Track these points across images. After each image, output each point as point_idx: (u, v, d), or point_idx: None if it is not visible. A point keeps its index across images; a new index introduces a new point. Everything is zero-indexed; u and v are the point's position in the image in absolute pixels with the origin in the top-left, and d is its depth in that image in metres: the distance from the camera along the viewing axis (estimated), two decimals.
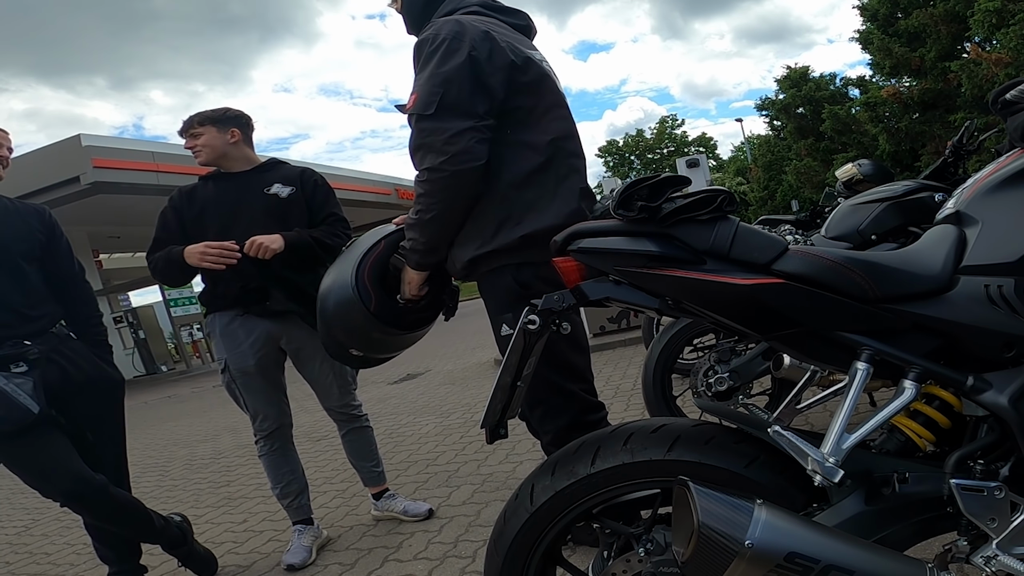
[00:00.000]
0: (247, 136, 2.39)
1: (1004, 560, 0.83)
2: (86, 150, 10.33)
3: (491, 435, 1.06)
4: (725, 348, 2.06)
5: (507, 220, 1.48)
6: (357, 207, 17.89)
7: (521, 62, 1.49)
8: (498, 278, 1.52)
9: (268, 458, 2.38)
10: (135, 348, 15.75)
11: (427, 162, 1.41)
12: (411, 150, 1.47)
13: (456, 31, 1.44)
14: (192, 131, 2.29)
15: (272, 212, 2.27)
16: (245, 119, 2.39)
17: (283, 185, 2.32)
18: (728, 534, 0.78)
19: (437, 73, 1.41)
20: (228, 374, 2.33)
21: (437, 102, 1.39)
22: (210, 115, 2.30)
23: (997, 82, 11.84)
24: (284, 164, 2.45)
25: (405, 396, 5.62)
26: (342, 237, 2.34)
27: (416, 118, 1.42)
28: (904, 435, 0.94)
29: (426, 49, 1.45)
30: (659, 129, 46.72)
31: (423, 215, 1.48)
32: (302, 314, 2.25)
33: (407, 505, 2.52)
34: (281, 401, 2.40)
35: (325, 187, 2.43)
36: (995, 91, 1.10)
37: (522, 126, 1.50)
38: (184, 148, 2.34)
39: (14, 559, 3.11)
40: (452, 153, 1.38)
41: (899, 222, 2.30)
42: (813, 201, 14.28)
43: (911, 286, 0.89)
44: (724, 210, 0.90)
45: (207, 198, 2.31)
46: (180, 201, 2.32)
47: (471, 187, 1.45)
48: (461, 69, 1.41)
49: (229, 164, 2.34)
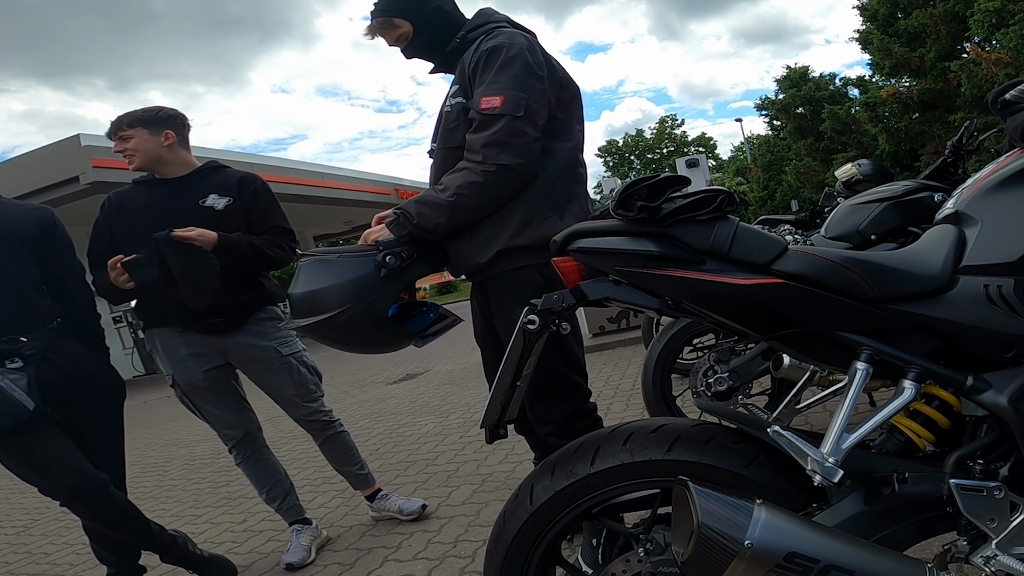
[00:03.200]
0: (183, 137, 2.22)
1: (1004, 560, 0.83)
2: (85, 150, 10.32)
3: (490, 435, 1.07)
4: (725, 348, 2.06)
5: (536, 216, 1.56)
6: (357, 207, 17.88)
7: (565, 80, 1.63)
8: (524, 274, 1.58)
9: (245, 466, 2.35)
10: (135, 348, 15.73)
11: (503, 159, 1.48)
12: (483, 144, 1.49)
13: (528, 45, 1.55)
14: (121, 133, 2.11)
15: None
16: (180, 119, 2.22)
17: (219, 196, 2.17)
18: (728, 534, 0.78)
19: (523, 76, 1.50)
20: (179, 388, 2.25)
21: (524, 106, 1.48)
22: (140, 115, 2.13)
23: (997, 82, 11.84)
24: (224, 169, 2.30)
25: (404, 396, 5.62)
26: (285, 250, 2.21)
27: (507, 118, 1.48)
28: (904, 435, 0.94)
29: (503, 55, 1.52)
30: (659, 129, 46.73)
31: (464, 200, 1.51)
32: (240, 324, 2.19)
33: (401, 504, 2.50)
34: (242, 408, 2.33)
35: (267, 195, 2.26)
36: (995, 91, 1.10)
37: (554, 136, 1.59)
38: (113, 152, 2.17)
39: (13, 559, 3.11)
40: (528, 158, 1.50)
41: (899, 222, 2.30)
42: (813, 201, 14.27)
43: (911, 286, 0.89)
44: (724, 210, 0.90)
45: (137, 208, 2.16)
46: (110, 210, 2.18)
47: (519, 191, 1.54)
48: (541, 81, 1.53)
49: (163, 169, 2.17)
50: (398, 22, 1.69)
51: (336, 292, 1.41)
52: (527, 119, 1.49)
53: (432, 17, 1.68)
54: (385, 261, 1.42)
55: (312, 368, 2.37)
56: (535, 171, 1.53)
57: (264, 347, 2.25)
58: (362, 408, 5.45)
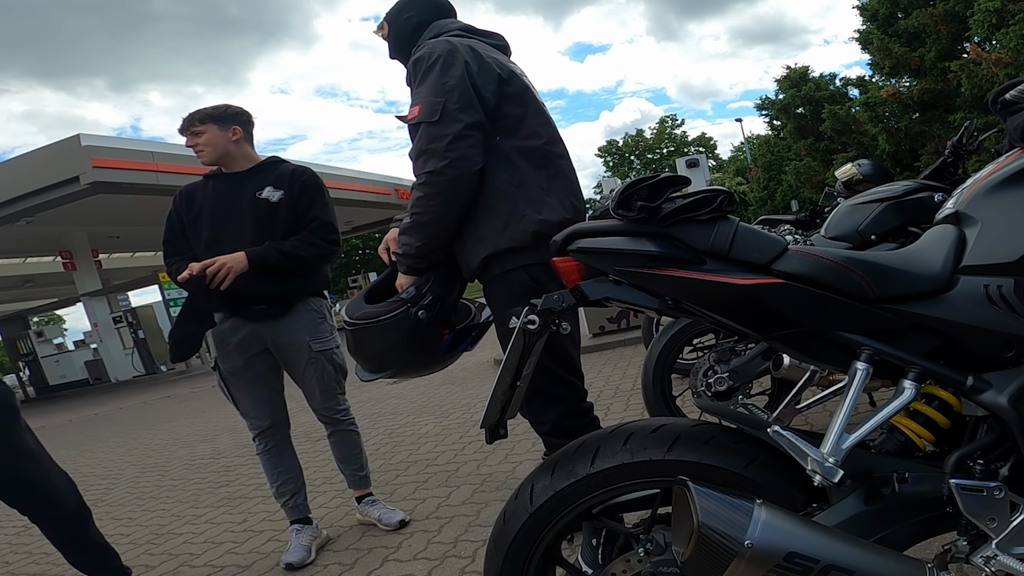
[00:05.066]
0: (248, 133, 2.37)
1: (1004, 560, 0.83)
2: (85, 150, 10.33)
3: (490, 435, 1.06)
4: (725, 348, 2.06)
5: (512, 217, 1.57)
6: (357, 207, 17.88)
7: (506, 75, 1.63)
8: (513, 276, 1.61)
9: (264, 456, 2.39)
10: (134, 348, 15.74)
11: (429, 166, 1.51)
12: (414, 156, 1.56)
13: (449, 48, 1.59)
14: (193, 129, 2.26)
15: (260, 218, 2.24)
16: (246, 116, 2.36)
17: (274, 188, 2.29)
18: (728, 534, 0.78)
19: (439, 84, 1.53)
20: (219, 372, 2.35)
21: (440, 110, 1.51)
22: (211, 112, 2.27)
23: (997, 82, 11.84)
24: (283, 163, 2.41)
25: (405, 396, 5.62)
26: (320, 246, 2.28)
27: (423, 126, 1.52)
28: (904, 435, 0.94)
29: (424, 65, 1.58)
30: (659, 129, 46.72)
31: (420, 217, 1.56)
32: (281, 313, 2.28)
33: (382, 513, 2.49)
34: (274, 401, 2.39)
35: (313, 187, 2.35)
36: (995, 91, 1.10)
37: (511, 133, 1.62)
38: (185, 147, 2.32)
39: (14, 559, 3.11)
40: (452, 158, 1.49)
41: (899, 222, 2.30)
42: (813, 201, 14.27)
43: (911, 286, 0.89)
44: (724, 210, 0.90)
45: (205, 201, 2.30)
46: (181, 203, 2.33)
47: (468, 191, 1.55)
48: (460, 80, 1.53)
49: (231, 163, 2.32)
50: (384, 24, 1.83)
51: (392, 353, 1.57)
52: (445, 121, 1.50)
53: (404, 26, 1.79)
54: (419, 316, 1.51)
55: (339, 367, 2.44)
56: (471, 167, 1.51)
57: (298, 341, 2.32)
58: (362, 408, 5.45)
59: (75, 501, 1.99)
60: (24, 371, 19.86)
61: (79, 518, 2.00)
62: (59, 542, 2.00)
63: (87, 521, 2.02)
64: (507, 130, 1.61)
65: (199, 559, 2.58)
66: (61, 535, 1.99)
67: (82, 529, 2.01)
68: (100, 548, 2.06)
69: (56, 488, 1.93)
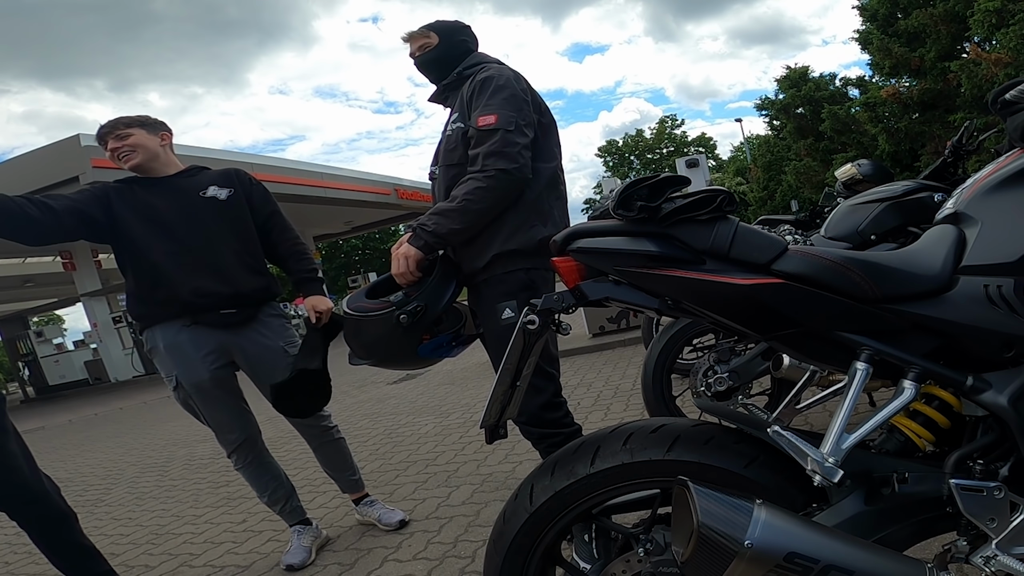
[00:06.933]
0: (170, 142, 2.31)
1: (1003, 560, 0.83)
2: (85, 150, 10.34)
3: (490, 435, 1.07)
4: (725, 348, 2.06)
5: (523, 224, 1.77)
6: (357, 207, 17.88)
7: (544, 108, 1.89)
8: (512, 276, 1.77)
9: (246, 471, 2.34)
10: (134, 348, 15.72)
11: (502, 164, 1.69)
12: (483, 154, 1.72)
13: (516, 75, 1.83)
14: (119, 132, 2.14)
15: (222, 215, 2.19)
16: (167, 126, 2.30)
17: (219, 187, 2.23)
18: (728, 534, 0.78)
19: (512, 100, 1.75)
20: (182, 391, 2.20)
21: (515, 123, 1.72)
22: (136, 119, 2.20)
23: (997, 82, 11.85)
24: (207, 168, 2.36)
25: (404, 396, 5.62)
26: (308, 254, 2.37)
27: (501, 131, 1.72)
28: (904, 435, 0.94)
29: (495, 83, 1.78)
30: (658, 129, 46.69)
31: (472, 204, 1.70)
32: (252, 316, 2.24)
33: (382, 513, 2.48)
34: (244, 411, 2.32)
35: (260, 184, 2.36)
36: (995, 91, 1.09)
37: (536, 156, 1.82)
38: (107, 150, 2.16)
39: (13, 559, 3.11)
40: (522, 163, 1.71)
41: (899, 222, 2.30)
42: (813, 201, 14.28)
43: (911, 286, 0.89)
44: (724, 210, 0.90)
45: (148, 201, 2.15)
46: (117, 194, 2.15)
47: (516, 193, 1.75)
48: (527, 103, 1.78)
49: (159, 168, 2.22)
50: (431, 34, 1.95)
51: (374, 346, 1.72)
52: (517, 132, 1.72)
53: (457, 47, 1.95)
54: (399, 320, 1.63)
55: None
56: (528, 175, 1.74)
57: (272, 348, 2.26)
58: (362, 408, 5.45)
59: (59, 504, 1.97)
60: (24, 371, 19.87)
61: (66, 521, 1.99)
62: (46, 545, 1.99)
63: (73, 524, 2.01)
64: (535, 154, 1.82)
65: (199, 559, 2.59)
66: (48, 538, 1.98)
67: (68, 532, 1.99)
68: (87, 552, 2.03)
69: (43, 491, 1.92)
